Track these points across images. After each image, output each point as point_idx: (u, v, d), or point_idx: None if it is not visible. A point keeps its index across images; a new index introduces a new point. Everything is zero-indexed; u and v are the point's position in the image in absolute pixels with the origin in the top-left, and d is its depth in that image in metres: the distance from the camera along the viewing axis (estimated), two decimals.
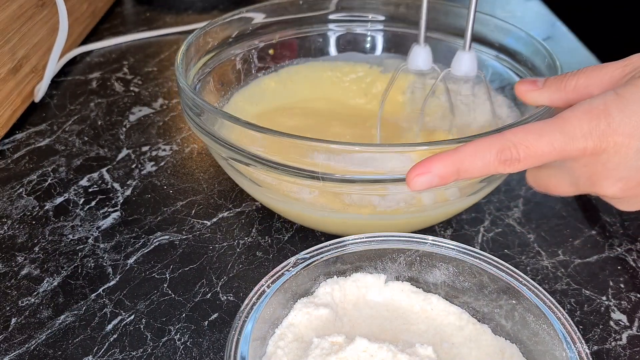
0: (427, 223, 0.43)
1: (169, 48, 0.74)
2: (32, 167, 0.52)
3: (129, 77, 0.67)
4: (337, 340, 0.31)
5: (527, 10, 0.89)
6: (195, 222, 0.46)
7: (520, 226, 0.46)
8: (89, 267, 0.42)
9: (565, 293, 0.40)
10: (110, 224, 0.46)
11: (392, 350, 0.30)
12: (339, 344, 0.31)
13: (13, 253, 0.43)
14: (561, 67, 0.43)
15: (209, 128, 0.39)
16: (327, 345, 0.31)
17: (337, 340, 0.31)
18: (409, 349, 0.30)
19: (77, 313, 0.39)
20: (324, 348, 0.30)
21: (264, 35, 0.54)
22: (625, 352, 0.36)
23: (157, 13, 0.84)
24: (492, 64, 0.52)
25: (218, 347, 0.37)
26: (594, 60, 0.73)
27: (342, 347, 0.30)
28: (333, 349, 0.30)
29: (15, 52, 0.57)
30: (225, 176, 0.51)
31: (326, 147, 0.35)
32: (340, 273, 0.35)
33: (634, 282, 0.41)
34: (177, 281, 0.41)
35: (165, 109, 0.61)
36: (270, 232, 0.45)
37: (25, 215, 0.46)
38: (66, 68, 0.68)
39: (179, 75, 0.42)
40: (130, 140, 0.56)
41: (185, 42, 0.46)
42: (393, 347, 0.30)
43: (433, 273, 0.35)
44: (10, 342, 0.36)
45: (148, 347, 0.36)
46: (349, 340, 0.31)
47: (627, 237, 0.45)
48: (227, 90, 0.52)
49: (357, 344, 0.30)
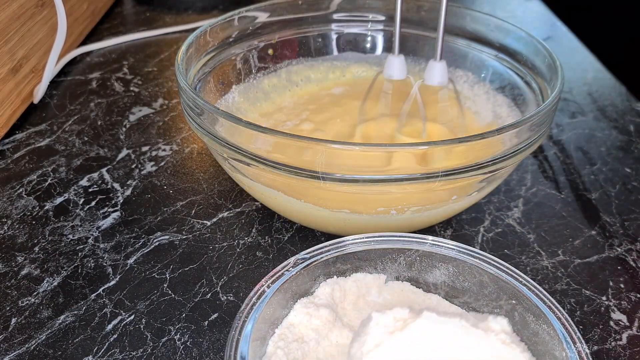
0: (427, 223, 0.43)
1: (169, 48, 0.74)
2: (32, 167, 0.52)
3: (129, 77, 0.67)
4: (400, 315, 0.28)
5: (527, 10, 0.89)
6: (195, 222, 0.46)
7: (520, 226, 0.46)
8: (89, 267, 0.42)
9: (565, 293, 0.40)
10: (110, 224, 0.46)
11: (464, 325, 0.27)
12: (403, 320, 0.28)
13: (13, 253, 0.43)
14: (561, 67, 0.43)
15: (209, 128, 0.39)
16: (390, 321, 0.28)
17: (401, 315, 0.28)
18: (482, 324, 0.28)
19: (77, 313, 0.39)
20: (386, 325, 0.27)
21: (264, 35, 0.54)
22: (625, 352, 0.36)
23: (157, 13, 0.84)
24: (492, 64, 0.52)
25: (218, 347, 0.37)
26: (594, 60, 0.73)
27: (407, 324, 0.27)
28: (397, 325, 0.28)
29: (15, 52, 0.57)
30: (225, 176, 0.51)
31: (326, 147, 0.35)
32: (340, 273, 0.35)
33: (634, 282, 0.41)
34: (177, 281, 0.41)
35: (165, 109, 0.61)
36: (270, 232, 0.45)
37: (25, 215, 0.46)
38: (66, 68, 0.68)
39: (180, 75, 0.42)
40: (130, 140, 0.56)
41: (185, 42, 0.46)
42: (464, 321, 0.27)
43: (433, 273, 0.35)
44: (10, 342, 0.36)
45: (148, 347, 0.36)
46: (414, 315, 0.28)
47: (627, 237, 0.45)
48: (227, 90, 0.52)
49: (424, 318, 0.27)
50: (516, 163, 0.39)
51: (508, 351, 0.27)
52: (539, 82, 0.46)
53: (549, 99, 0.40)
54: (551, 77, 0.44)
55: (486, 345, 0.27)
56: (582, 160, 0.54)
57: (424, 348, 0.27)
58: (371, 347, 0.27)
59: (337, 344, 0.32)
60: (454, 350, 0.27)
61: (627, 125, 0.60)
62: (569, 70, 0.69)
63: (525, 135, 0.38)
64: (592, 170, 0.53)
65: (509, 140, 0.37)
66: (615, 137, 0.58)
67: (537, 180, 0.51)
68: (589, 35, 0.80)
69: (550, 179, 0.52)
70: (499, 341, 0.28)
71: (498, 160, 0.37)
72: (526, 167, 0.53)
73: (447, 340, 0.27)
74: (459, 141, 0.35)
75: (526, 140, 0.38)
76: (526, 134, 0.38)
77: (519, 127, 0.37)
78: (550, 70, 0.44)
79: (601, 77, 0.69)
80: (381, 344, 0.27)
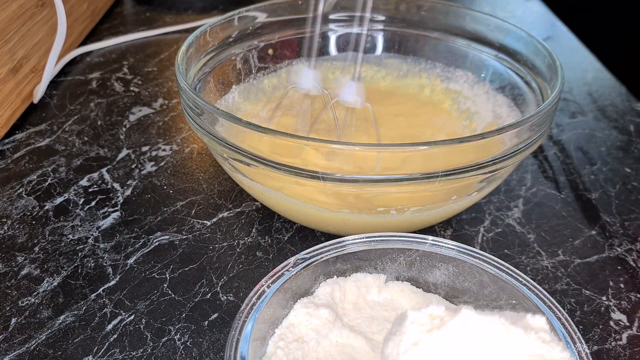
0: (427, 223, 0.43)
1: (169, 48, 0.74)
2: (32, 167, 0.52)
3: (129, 77, 0.67)
4: (437, 313, 0.26)
5: (527, 10, 0.89)
6: (195, 222, 0.46)
7: (520, 226, 0.46)
8: (89, 267, 0.42)
9: (565, 293, 0.40)
10: (110, 224, 0.46)
11: (504, 323, 0.26)
12: (440, 318, 0.26)
13: (13, 253, 0.43)
14: (561, 67, 0.43)
15: (209, 128, 0.39)
16: (426, 319, 0.26)
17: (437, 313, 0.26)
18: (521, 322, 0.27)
19: (77, 313, 0.39)
20: (423, 323, 0.26)
21: (264, 35, 0.54)
22: (625, 352, 0.36)
23: (157, 13, 0.84)
24: (492, 64, 0.52)
25: (218, 347, 0.37)
26: (594, 60, 0.73)
27: (445, 321, 0.26)
28: (434, 323, 0.26)
29: (15, 52, 0.57)
30: (225, 176, 0.51)
31: (326, 147, 0.35)
32: (340, 273, 0.35)
33: (634, 282, 0.41)
34: (177, 281, 0.41)
35: (165, 109, 0.61)
36: (270, 232, 0.45)
37: (25, 215, 0.46)
38: (66, 68, 0.68)
39: (180, 75, 0.42)
40: (130, 140, 0.56)
41: (185, 42, 0.46)
42: (504, 320, 0.26)
43: (433, 273, 0.35)
44: (10, 342, 0.36)
45: (148, 347, 0.36)
46: (451, 313, 0.26)
47: (627, 237, 0.45)
48: (227, 90, 0.52)
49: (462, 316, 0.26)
50: (516, 163, 0.39)
51: (548, 350, 0.26)
52: (539, 82, 0.46)
53: (549, 99, 0.40)
54: (551, 77, 0.44)
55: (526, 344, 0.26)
56: (582, 160, 0.54)
57: (463, 346, 0.26)
58: (408, 346, 0.26)
59: (337, 344, 0.32)
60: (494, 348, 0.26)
61: (627, 125, 0.60)
62: (569, 70, 0.69)
63: (525, 135, 0.38)
64: (592, 170, 0.53)
65: (509, 140, 0.37)
66: (615, 137, 0.58)
67: (537, 180, 0.51)
68: (589, 35, 0.80)
69: (550, 179, 0.52)
70: (539, 340, 0.26)
71: (498, 160, 0.37)
72: (526, 167, 0.53)
73: (486, 339, 0.26)
74: (459, 141, 0.35)
75: (526, 140, 0.38)
76: (526, 134, 0.38)
77: (519, 127, 0.37)
78: (550, 70, 0.44)
79: (601, 77, 0.69)
80: (419, 342, 0.26)
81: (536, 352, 0.26)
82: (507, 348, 0.26)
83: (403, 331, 0.26)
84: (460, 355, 0.26)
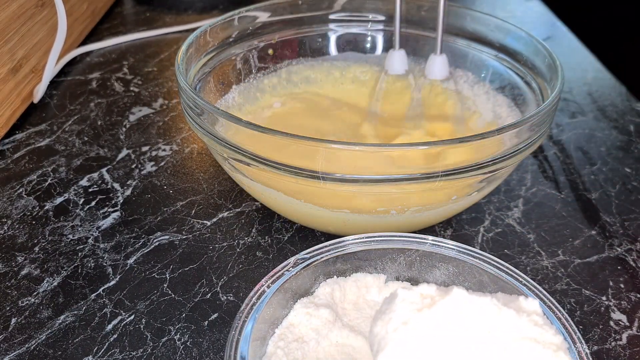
0: (427, 223, 0.43)
1: (169, 48, 0.74)
2: (32, 167, 0.52)
3: (129, 77, 0.67)
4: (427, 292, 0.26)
5: (527, 10, 0.89)
6: (195, 222, 0.46)
7: (520, 226, 0.46)
8: (89, 267, 0.42)
9: (565, 293, 0.40)
10: (110, 224, 0.46)
11: (496, 304, 0.25)
12: (431, 297, 0.26)
13: (13, 253, 0.43)
14: (561, 67, 0.43)
15: (209, 128, 0.39)
16: (417, 298, 0.26)
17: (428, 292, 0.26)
18: (513, 304, 0.26)
19: (77, 313, 0.39)
20: (413, 302, 0.25)
21: (264, 35, 0.54)
22: (625, 352, 0.36)
23: (157, 13, 0.84)
24: (492, 64, 0.52)
25: (218, 347, 0.37)
26: (594, 60, 0.73)
27: (435, 301, 0.25)
28: (425, 302, 0.26)
29: (15, 52, 0.57)
30: (225, 176, 0.51)
31: (326, 147, 0.35)
32: (340, 273, 0.35)
33: (634, 282, 0.41)
34: (177, 281, 0.41)
35: (165, 109, 0.61)
36: (270, 232, 0.45)
37: (25, 215, 0.46)
38: (66, 68, 0.68)
39: (180, 75, 0.42)
40: (130, 140, 0.56)
41: (185, 42, 0.46)
42: (496, 301, 0.26)
43: (433, 273, 0.35)
44: (10, 342, 0.36)
45: (148, 347, 0.36)
46: (442, 292, 0.26)
47: (627, 237, 0.45)
48: (227, 90, 0.52)
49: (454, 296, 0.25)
50: (516, 163, 0.39)
51: (540, 333, 0.26)
52: (539, 82, 0.46)
53: (549, 99, 0.40)
54: (551, 77, 0.44)
55: (518, 326, 0.25)
56: (582, 160, 0.54)
57: (454, 326, 0.25)
58: (397, 325, 0.25)
59: (337, 344, 0.32)
60: (485, 329, 0.25)
61: (627, 125, 0.60)
62: (569, 70, 0.69)
63: (525, 135, 0.38)
64: (592, 170, 0.53)
65: (509, 140, 0.37)
66: (615, 137, 0.58)
67: (537, 180, 0.51)
68: (589, 35, 0.80)
69: (550, 179, 0.52)
70: (532, 322, 0.26)
71: (498, 160, 0.37)
72: (526, 167, 0.53)
73: (478, 319, 0.25)
74: (459, 141, 0.35)
75: (526, 140, 0.38)
76: (526, 134, 0.38)
77: (519, 127, 0.37)
78: (550, 70, 0.44)
79: (601, 77, 0.69)
80: (408, 321, 0.25)
81: (528, 335, 0.25)
82: (499, 329, 0.25)
83: (393, 309, 0.25)
84: (451, 335, 0.25)
